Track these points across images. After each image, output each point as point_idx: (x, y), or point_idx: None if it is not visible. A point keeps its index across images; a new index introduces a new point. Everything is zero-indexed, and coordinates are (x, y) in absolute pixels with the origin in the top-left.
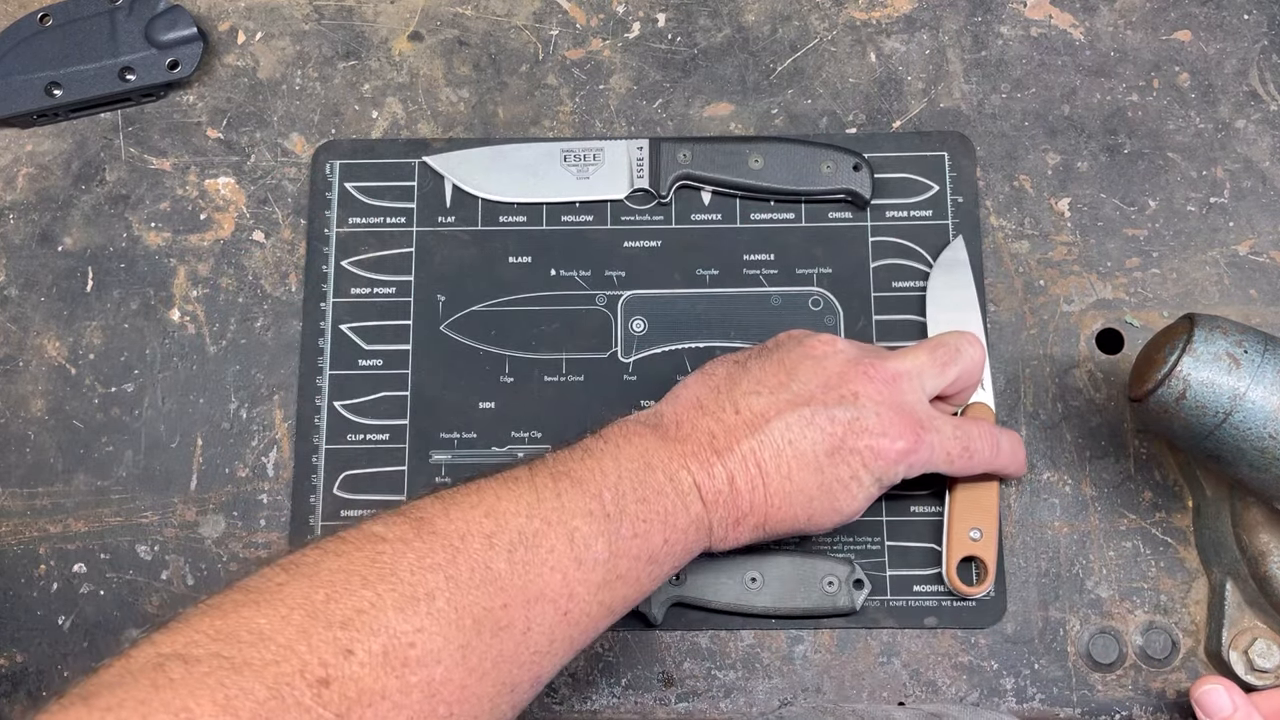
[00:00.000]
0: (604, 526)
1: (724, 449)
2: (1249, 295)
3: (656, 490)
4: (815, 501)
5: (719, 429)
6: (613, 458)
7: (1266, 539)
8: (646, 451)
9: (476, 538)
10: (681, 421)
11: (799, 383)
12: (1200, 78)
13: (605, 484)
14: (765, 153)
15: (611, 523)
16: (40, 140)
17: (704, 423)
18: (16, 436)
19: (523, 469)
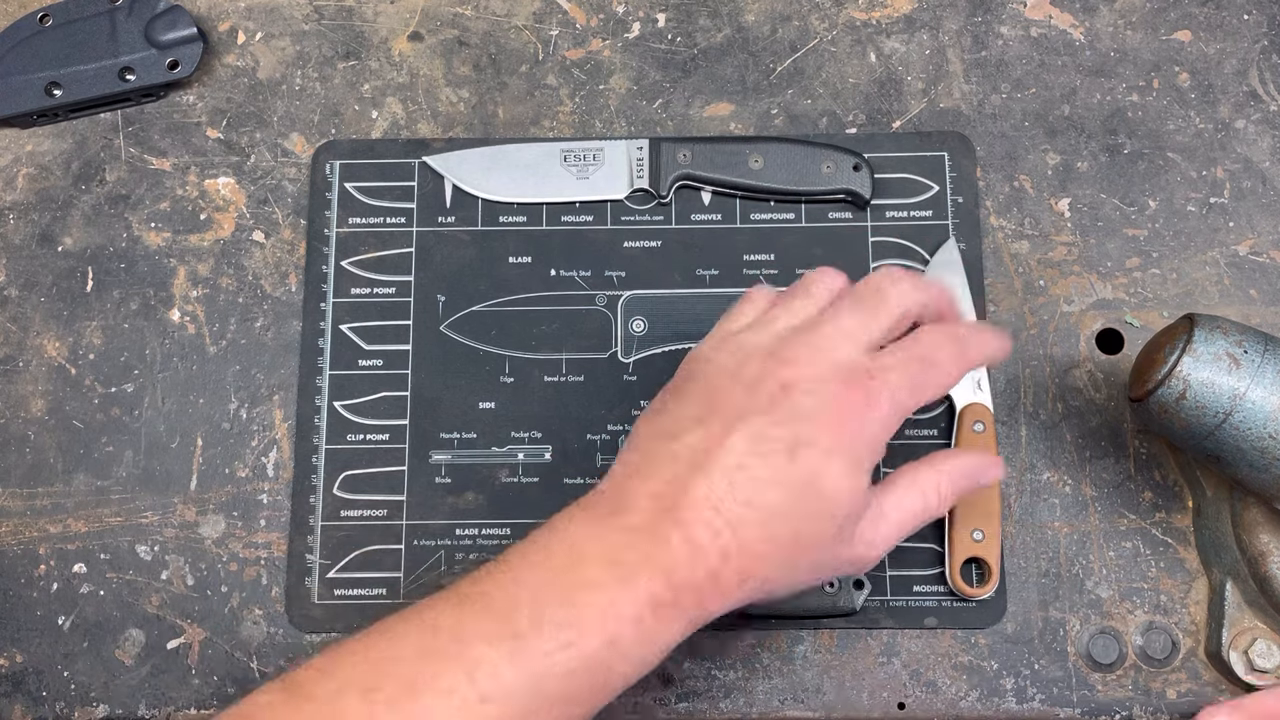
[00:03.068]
0: (513, 647)
1: (672, 505)
2: (1249, 295)
3: (588, 584)
4: (800, 519)
5: (661, 486)
6: (532, 562)
7: (1266, 539)
8: (575, 543)
9: (353, 694)
10: (621, 491)
11: (723, 401)
12: (1200, 78)
13: (520, 597)
14: (765, 153)
15: (524, 641)
16: (40, 140)
17: (643, 486)
18: (16, 436)
19: (430, 598)
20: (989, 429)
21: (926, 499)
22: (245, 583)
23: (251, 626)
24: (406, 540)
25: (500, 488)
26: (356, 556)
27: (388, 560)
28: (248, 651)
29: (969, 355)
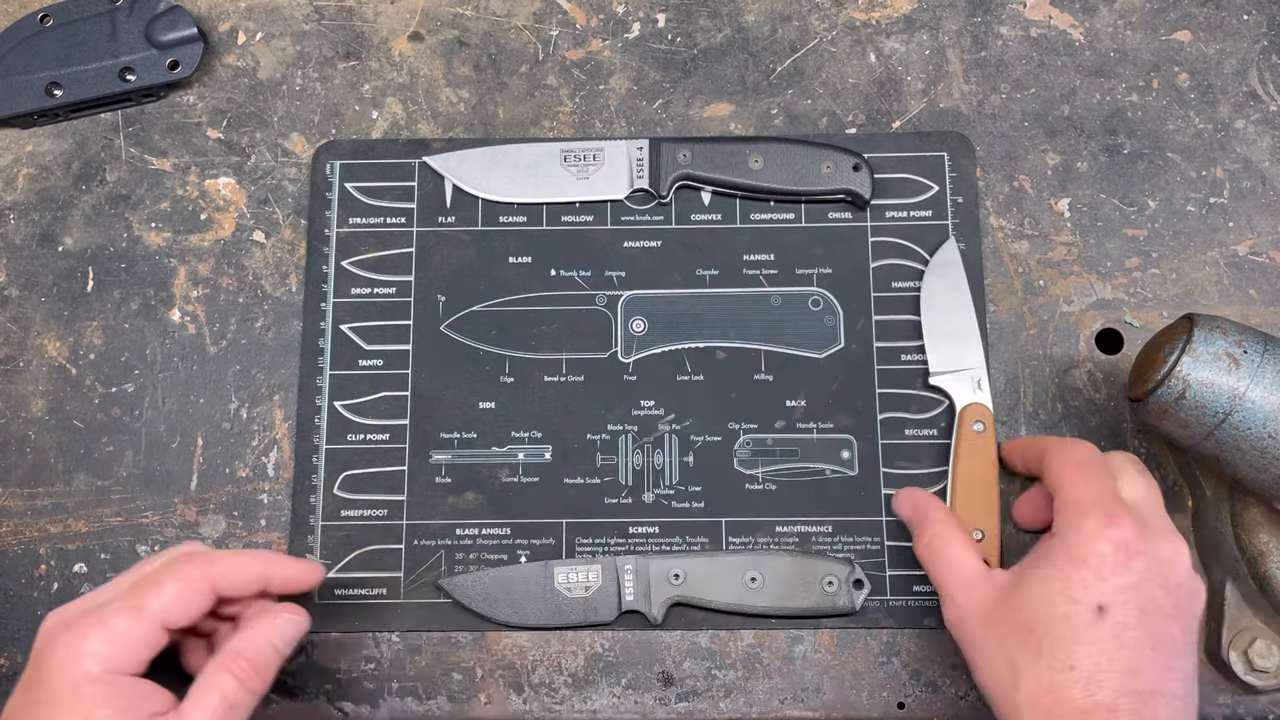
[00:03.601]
0: None
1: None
2: (1249, 295)
3: None
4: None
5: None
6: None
7: (1266, 539)
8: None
9: None
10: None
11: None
12: (1200, 78)
13: None
14: (765, 153)
15: None
16: (40, 140)
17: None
18: (17, 436)
19: None
20: (989, 429)
21: (225, 688)
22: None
23: None
24: (406, 540)
25: (500, 488)
26: (356, 556)
27: (388, 560)
28: None
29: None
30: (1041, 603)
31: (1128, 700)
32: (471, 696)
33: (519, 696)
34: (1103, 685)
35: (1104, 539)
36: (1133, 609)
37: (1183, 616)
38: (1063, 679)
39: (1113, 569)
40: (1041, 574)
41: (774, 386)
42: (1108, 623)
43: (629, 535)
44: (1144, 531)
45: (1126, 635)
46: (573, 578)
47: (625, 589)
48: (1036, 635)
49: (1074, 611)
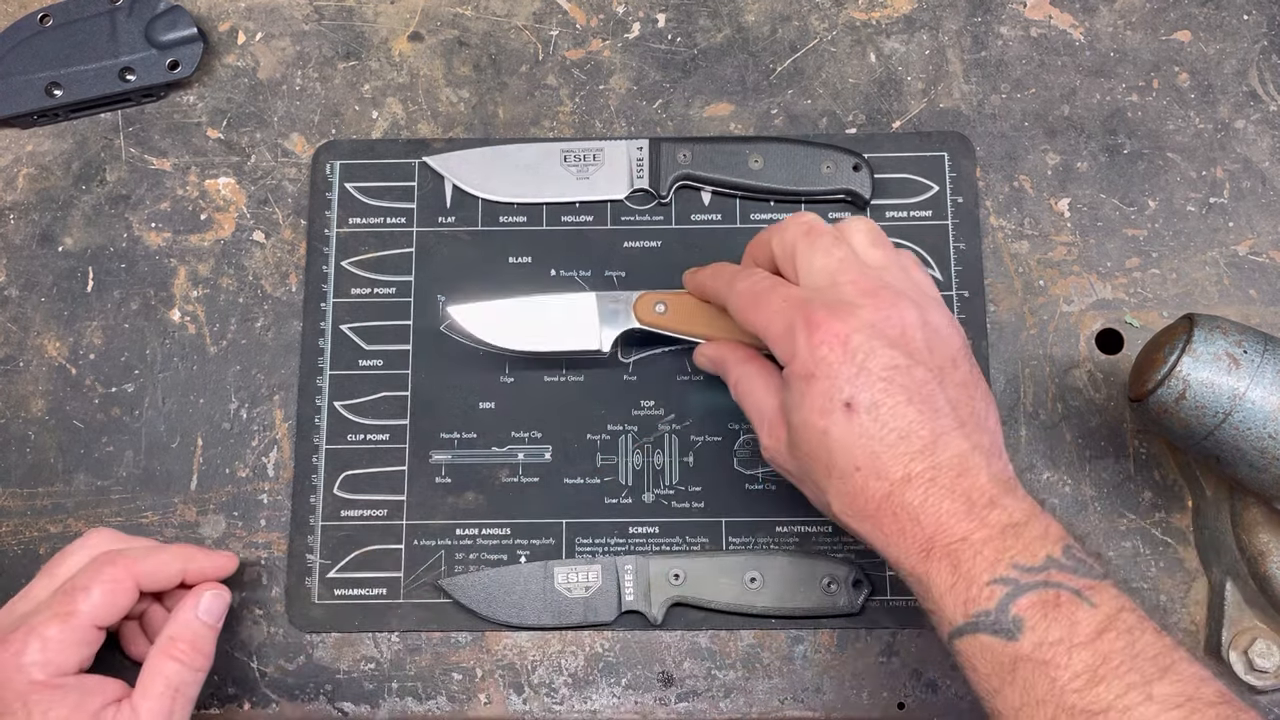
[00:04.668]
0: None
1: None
2: (1249, 295)
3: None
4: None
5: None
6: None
7: (1266, 539)
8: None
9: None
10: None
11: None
12: (1200, 78)
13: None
14: (765, 153)
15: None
16: (40, 140)
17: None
18: (17, 436)
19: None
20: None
21: (168, 673)
22: (245, 582)
23: (252, 626)
24: (406, 540)
25: (500, 488)
26: (356, 556)
27: (388, 560)
28: (248, 651)
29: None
30: (804, 432)
31: (915, 463)
32: (471, 696)
33: (519, 696)
34: (888, 464)
35: (815, 345)
36: (875, 385)
37: (925, 359)
38: (856, 481)
39: (837, 364)
40: (794, 406)
41: None
42: (860, 412)
43: (629, 535)
44: (843, 311)
45: (881, 411)
46: (573, 578)
47: (625, 589)
48: (817, 458)
49: (829, 423)
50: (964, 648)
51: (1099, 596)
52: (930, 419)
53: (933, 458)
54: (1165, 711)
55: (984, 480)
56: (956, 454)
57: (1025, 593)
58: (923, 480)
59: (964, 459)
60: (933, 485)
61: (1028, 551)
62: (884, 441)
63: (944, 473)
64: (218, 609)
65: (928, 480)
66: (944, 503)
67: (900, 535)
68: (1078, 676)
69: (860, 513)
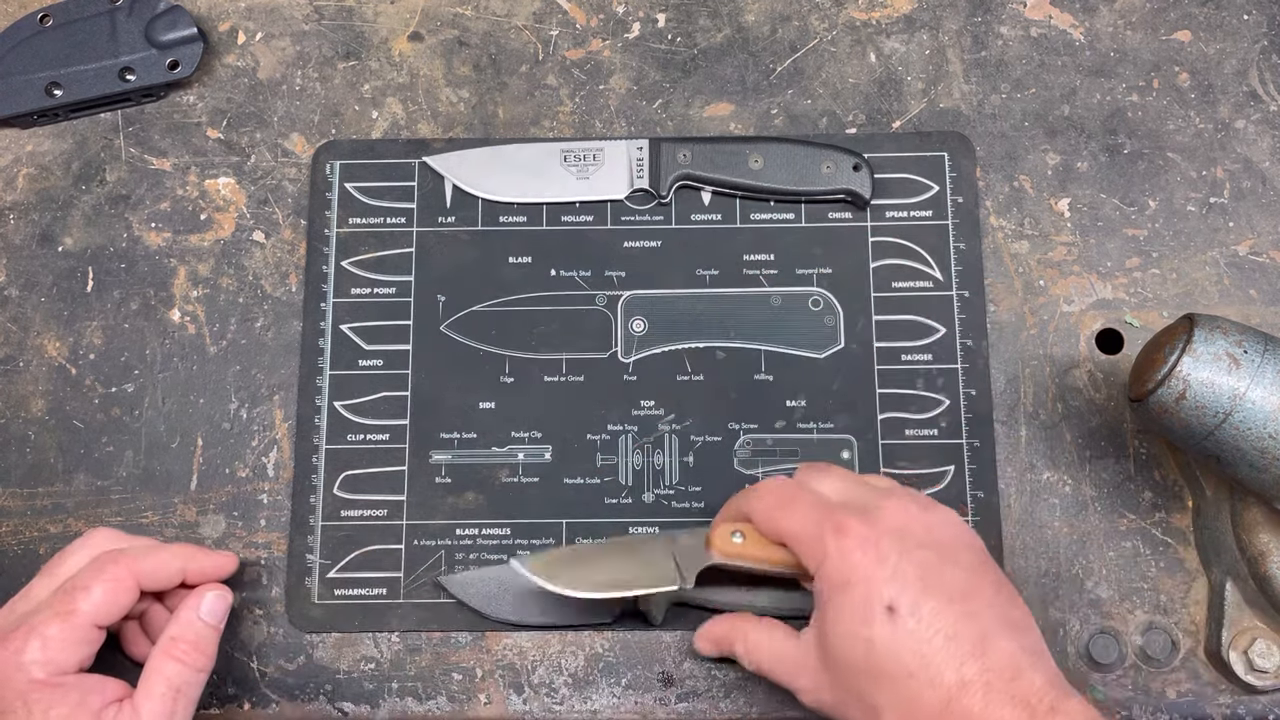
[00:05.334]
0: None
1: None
2: (1249, 295)
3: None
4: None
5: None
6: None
7: (1266, 539)
8: None
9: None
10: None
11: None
12: (1200, 78)
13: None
14: (765, 153)
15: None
16: (40, 140)
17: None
18: (16, 436)
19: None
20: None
21: (169, 674)
22: (245, 582)
23: (252, 626)
24: (406, 540)
25: (500, 488)
26: (356, 556)
27: (388, 560)
28: (248, 651)
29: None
30: (847, 643)
31: (968, 666)
32: (471, 696)
33: (519, 696)
34: (941, 668)
35: (845, 551)
36: (912, 586)
37: (955, 557)
38: (911, 689)
39: (872, 567)
40: (830, 619)
41: (774, 386)
42: (903, 614)
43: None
44: (869, 516)
45: (923, 611)
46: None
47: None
48: (864, 672)
49: (873, 631)
50: None
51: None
52: (974, 619)
53: (984, 660)
54: None
55: (1040, 684)
56: (1007, 655)
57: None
58: (979, 685)
59: (1015, 660)
60: (990, 690)
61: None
62: (932, 644)
63: (999, 676)
64: (220, 609)
65: (984, 685)
66: (1004, 710)
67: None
68: None
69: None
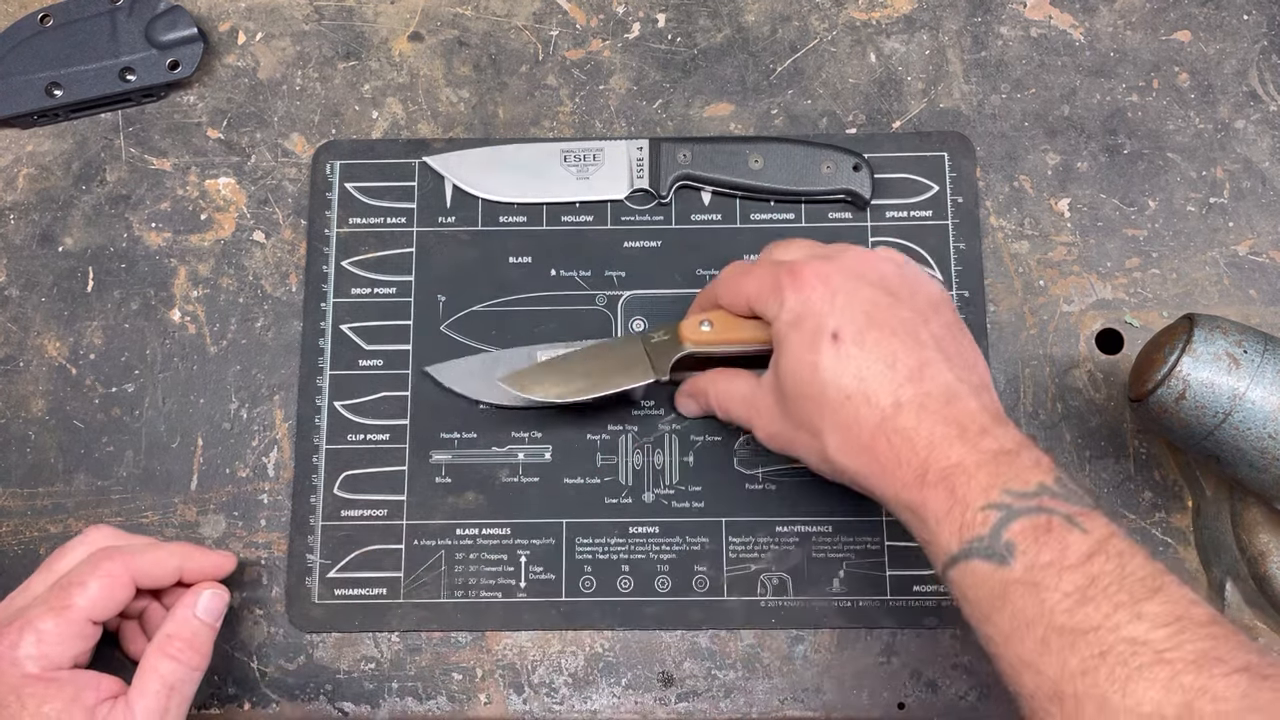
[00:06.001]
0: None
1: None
2: (1249, 295)
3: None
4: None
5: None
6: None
7: (1266, 539)
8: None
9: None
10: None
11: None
12: (1200, 78)
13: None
14: (765, 153)
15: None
16: (40, 140)
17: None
18: (17, 436)
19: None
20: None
21: (163, 671)
22: (245, 582)
23: (252, 626)
24: (406, 540)
25: (500, 488)
26: (357, 556)
27: (388, 560)
28: (248, 651)
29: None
30: (795, 371)
31: (904, 389)
32: (471, 696)
33: (519, 696)
34: (877, 390)
35: (799, 289)
36: (858, 317)
37: (906, 300)
38: (848, 410)
39: (821, 301)
40: (782, 354)
41: None
42: (846, 341)
43: (629, 535)
44: (818, 258)
45: (866, 339)
46: (553, 354)
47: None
48: (809, 396)
49: (818, 356)
50: (958, 577)
51: (1090, 523)
52: (915, 350)
53: (920, 385)
54: (1154, 629)
55: (974, 407)
56: (943, 383)
57: (1018, 518)
58: (913, 406)
59: (950, 388)
60: (924, 411)
61: (1020, 478)
62: (872, 369)
63: (933, 399)
64: (217, 608)
65: (918, 406)
66: (937, 428)
67: (896, 463)
68: (1067, 597)
69: (856, 445)
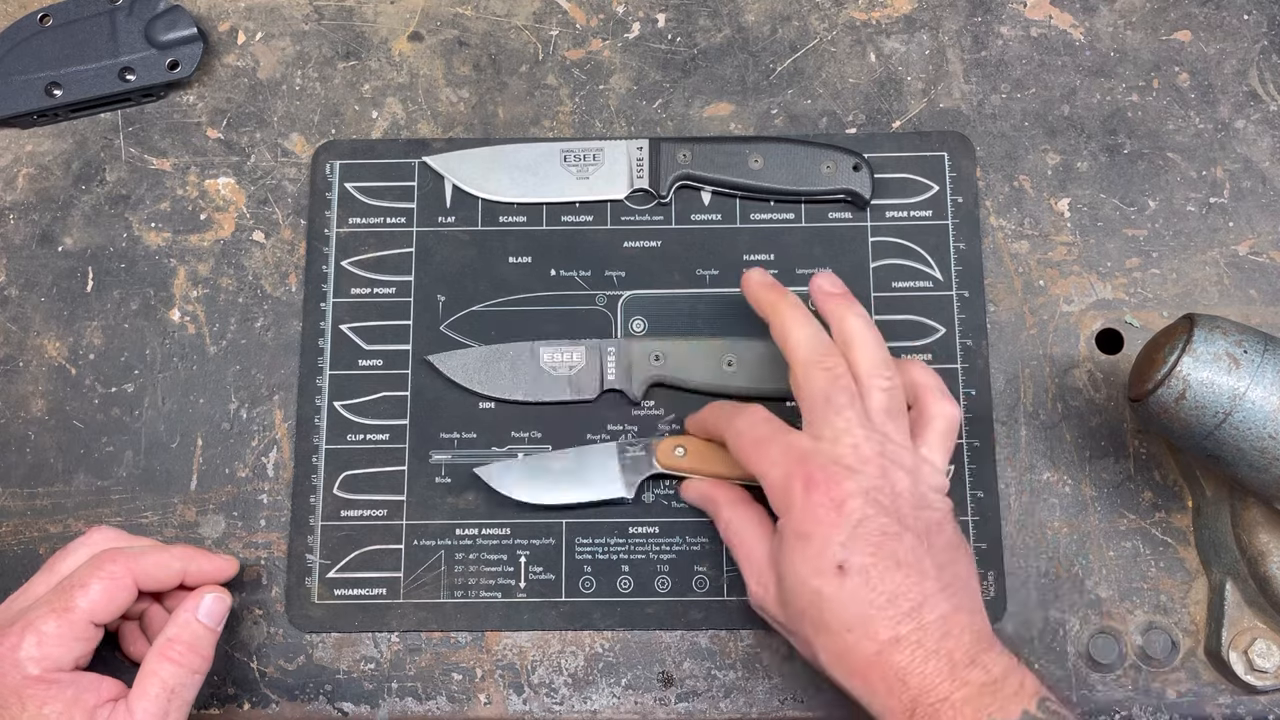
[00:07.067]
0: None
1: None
2: (1249, 295)
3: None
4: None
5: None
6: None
7: (1266, 539)
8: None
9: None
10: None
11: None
12: (1200, 78)
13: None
14: (765, 153)
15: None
16: (40, 140)
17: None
18: (16, 436)
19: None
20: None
21: (164, 675)
22: (245, 582)
23: (252, 626)
24: (406, 540)
25: None
26: (356, 556)
27: (388, 560)
28: (248, 651)
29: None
30: (798, 589)
31: (903, 625)
32: (471, 696)
33: (519, 696)
34: (877, 626)
35: (811, 505)
36: (866, 549)
37: (911, 525)
38: (845, 640)
39: (831, 526)
40: (786, 561)
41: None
42: (852, 575)
43: (629, 535)
44: (837, 474)
45: (871, 575)
46: (558, 357)
47: (608, 368)
48: (809, 616)
49: (822, 584)
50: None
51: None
52: (918, 583)
53: (919, 619)
54: None
55: (966, 640)
56: (941, 615)
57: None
58: (909, 643)
59: (947, 620)
60: (919, 648)
61: (1004, 709)
62: (874, 605)
63: (930, 634)
64: (219, 612)
65: (914, 643)
66: (929, 664)
67: (888, 694)
68: None
69: (849, 670)
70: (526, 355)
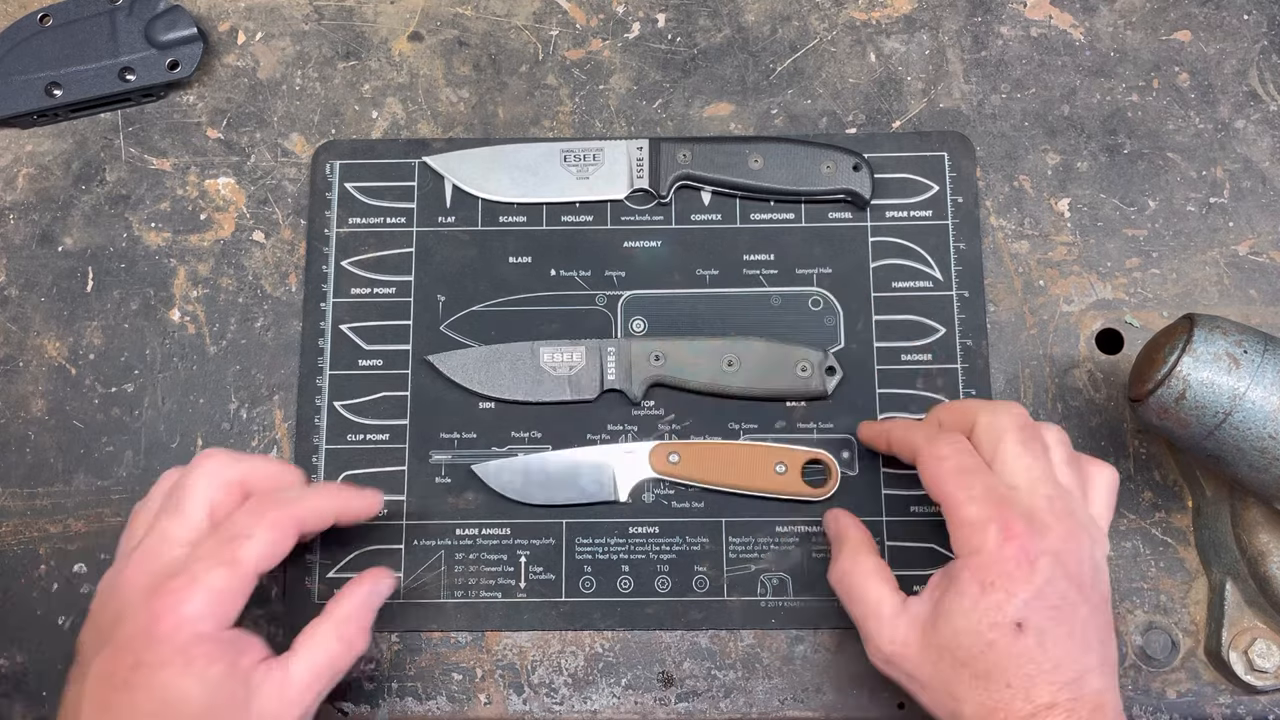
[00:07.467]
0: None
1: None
2: (1249, 295)
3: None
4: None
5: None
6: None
7: (1266, 539)
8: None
9: None
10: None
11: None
12: (1200, 78)
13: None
14: (765, 153)
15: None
16: (40, 140)
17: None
18: (16, 436)
19: None
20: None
21: (332, 652)
22: None
23: (252, 626)
24: (406, 540)
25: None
26: (356, 556)
27: (388, 560)
28: None
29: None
30: (966, 636)
31: (1061, 693)
32: (471, 696)
33: (519, 696)
34: (1038, 690)
35: (1004, 556)
36: (1046, 612)
37: (1089, 596)
38: (1002, 696)
39: (1020, 582)
40: (958, 606)
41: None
42: (1028, 634)
43: (629, 535)
44: (1035, 528)
45: (1046, 638)
46: (558, 357)
47: (607, 368)
48: (969, 667)
49: (997, 637)
50: None
51: None
52: (1082, 654)
53: (1077, 690)
54: None
55: (1111, 717)
56: (1094, 691)
57: None
58: (1063, 710)
59: (1101, 696)
60: (1071, 716)
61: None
62: (1041, 668)
63: (1083, 706)
64: (387, 595)
65: (1068, 711)
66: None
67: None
68: None
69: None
70: (526, 355)
